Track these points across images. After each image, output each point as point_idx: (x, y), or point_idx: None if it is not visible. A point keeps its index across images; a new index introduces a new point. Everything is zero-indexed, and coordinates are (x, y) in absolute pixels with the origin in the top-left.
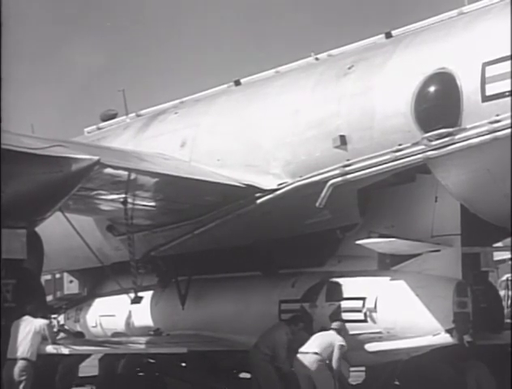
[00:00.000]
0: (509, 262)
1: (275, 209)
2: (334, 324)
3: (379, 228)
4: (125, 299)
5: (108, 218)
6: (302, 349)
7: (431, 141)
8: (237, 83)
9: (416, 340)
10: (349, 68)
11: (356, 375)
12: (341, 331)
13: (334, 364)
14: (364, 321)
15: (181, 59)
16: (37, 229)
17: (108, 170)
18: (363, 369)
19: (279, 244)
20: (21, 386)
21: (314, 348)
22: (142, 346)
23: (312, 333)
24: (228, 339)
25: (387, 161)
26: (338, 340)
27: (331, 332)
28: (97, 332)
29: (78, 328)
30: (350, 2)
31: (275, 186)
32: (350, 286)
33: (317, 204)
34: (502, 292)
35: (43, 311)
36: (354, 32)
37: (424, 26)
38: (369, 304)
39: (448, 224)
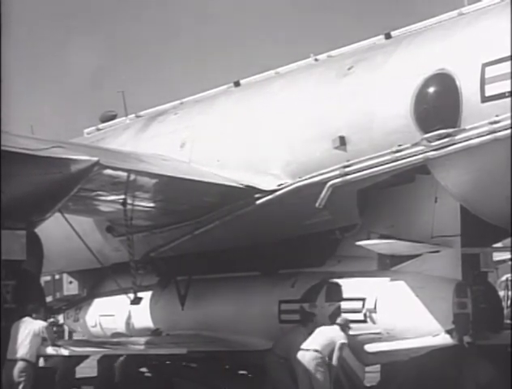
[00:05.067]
0: (509, 263)
1: (274, 210)
2: (339, 319)
3: (379, 228)
4: (124, 299)
5: (107, 219)
6: (303, 346)
7: (431, 142)
8: (237, 84)
9: (415, 341)
10: (349, 69)
11: (371, 377)
12: (345, 327)
13: (334, 362)
14: (364, 321)
15: (181, 60)
16: (37, 230)
17: (108, 171)
18: (378, 370)
19: (279, 244)
20: (20, 386)
21: (315, 345)
22: (142, 347)
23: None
24: (228, 340)
25: (387, 162)
26: (339, 338)
27: (335, 328)
28: (97, 332)
29: (79, 328)
30: (350, 2)
31: (274, 187)
32: (350, 286)
33: (316, 205)
34: (502, 293)
35: (42, 312)
36: (354, 33)
37: (423, 27)
38: (369, 304)
39: (448, 225)
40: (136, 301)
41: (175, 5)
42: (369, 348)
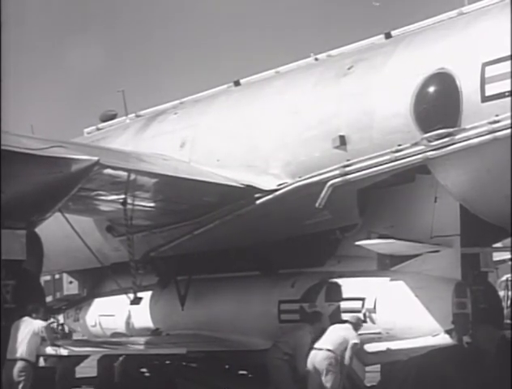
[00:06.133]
0: (509, 263)
1: (274, 209)
2: (351, 317)
3: (379, 228)
4: (124, 299)
5: (107, 219)
6: (316, 345)
7: (431, 141)
8: (237, 83)
9: (415, 341)
10: (349, 68)
11: (371, 376)
12: (357, 325)
13: (346, 361)
14: (364, 321)
15: (181, 59)
16: (37, 230)
17: (108, 171)
18: (378, 370)
19: (279, 244)
20: (20, 386)
21: (328, 344)
22: (142, 346)
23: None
24: (228, 340)
25: (387, 162)
26: (352, 337)
27: (347, 326)
28: (97, 332)
29: (79, 328)
30: (350, 2)
31: (274, 187)
32: (349, 286)
33: (316, 205)
34: (502, 293)
35: (42, 312)
36: (354, 33)
37: (423, 26)
38: (369, 304)
39: (447, 225)
40: (136, 300)
41: (175, 4)
42: (369, 347)
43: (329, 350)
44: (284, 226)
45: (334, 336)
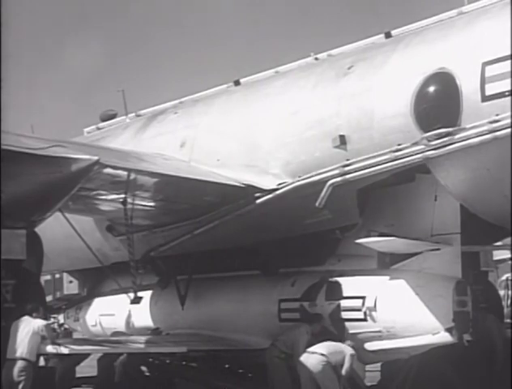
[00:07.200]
0: (509, 262)
1: (274, 209)
2: (348, 342)
3: (379, 227)
4: (124, 298)
5: (107, 218)
6: (309, 349)
7: (430, 141)
8: (237, 83)
9: (415, 339)
10: (349, 68)
11: (371, 376)
12: (352, 348)
13: (344, 371)
14: (364, 320)
15: (181, 59)
16: (37, 230)
17: (108, 170)
18: (378, 369)
19: (279, 243)
20: (20, 386)
21: (321, 349)
22: (142, 345)
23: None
24: (228, 339)
25: (387, 161)
26: (348, 349)
27: (342, 344)
28: (97, 331)
29: (79, 328)
30: (350, 1)
31: (274, 186)
32: (350, 285)
33: (316, 204)
34: (502, 292)
35: (42, 312)
36: (354, 32)
37: (423, 26)
38: (369, 303)
39: (448, 223)
40: (136, 300)
41: (175, 4)
42: (369, 346)
43: (322, 354)
44: (284, 225)
45: (329, 344)
